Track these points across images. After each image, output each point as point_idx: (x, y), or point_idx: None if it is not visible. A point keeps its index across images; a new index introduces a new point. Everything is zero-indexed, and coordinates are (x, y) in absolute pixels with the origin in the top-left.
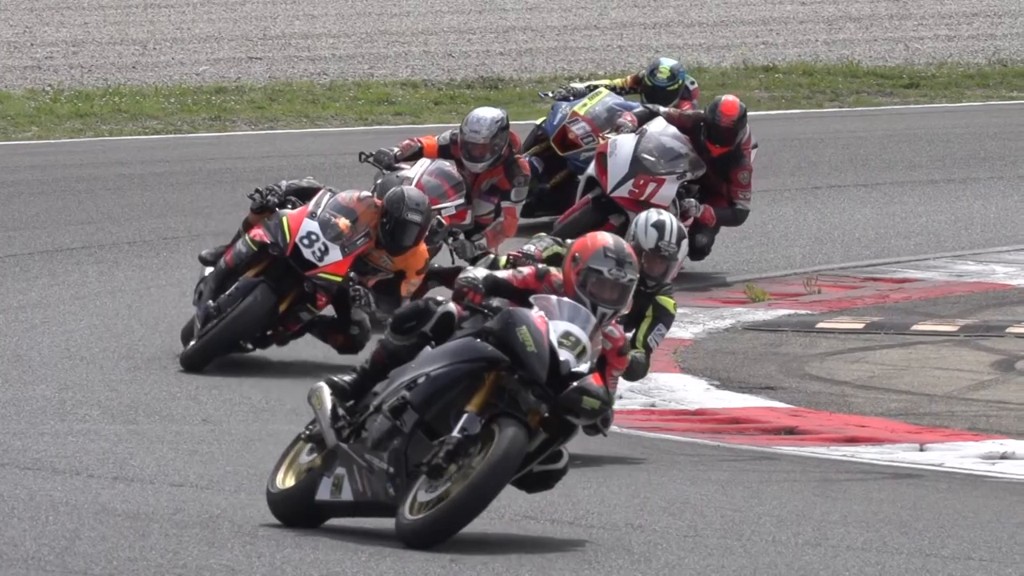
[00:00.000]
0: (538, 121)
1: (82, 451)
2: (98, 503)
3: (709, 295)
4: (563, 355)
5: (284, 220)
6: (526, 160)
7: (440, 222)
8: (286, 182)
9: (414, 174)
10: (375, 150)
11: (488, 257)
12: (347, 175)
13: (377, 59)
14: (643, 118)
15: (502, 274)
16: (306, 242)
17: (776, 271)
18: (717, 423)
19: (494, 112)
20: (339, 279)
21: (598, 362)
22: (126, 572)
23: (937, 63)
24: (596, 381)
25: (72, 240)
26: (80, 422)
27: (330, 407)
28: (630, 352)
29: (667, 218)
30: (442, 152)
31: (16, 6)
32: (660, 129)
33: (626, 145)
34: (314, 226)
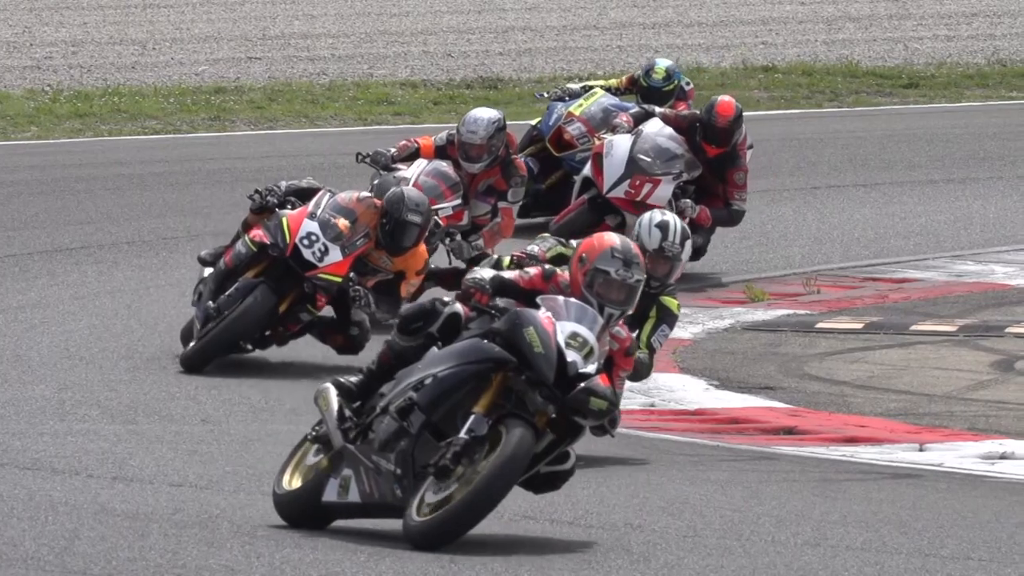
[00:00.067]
0: (534, 122)
1: (81, 451)
2: (97, 503)
3: (708, 295)
4: (570, 356)
5: (284, 221)
6: (523, 161)
7: (437, 223)
8: (285, 183)
9: (411, 175)
10: (372, 151)
11: (492, 258)
12: (346, 175)
13: (376, 59)
14: (639, 119)
15: (509, 275)
16: (306, 243)
17: (775, 271)
18: (716, 423)
19: (491, 113)
20: (339, 280)
21: (605, 363)
22: (125, 572)
23: (936, 63)
24: (603, 382)
25: (71, 240)
26: (79, 422)
27: (336, 408)
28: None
29: (671, 219)
30: (439, 153)
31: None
32: (656, 130)
33: (622, 146)
34: (314, 227)
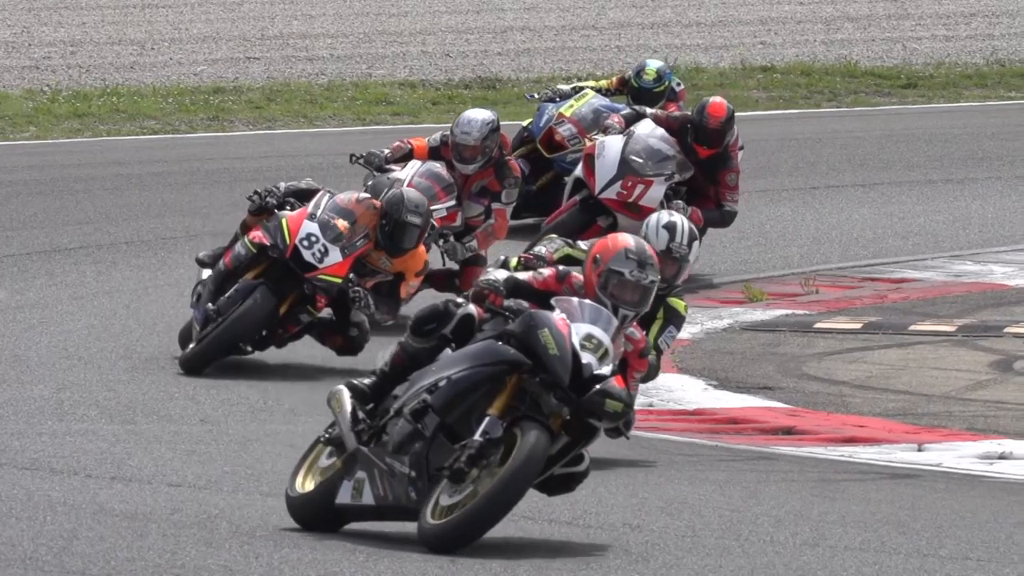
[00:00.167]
0: (524, 123)
1: (80, 451)
2: (96, 503)
3: (707, 295)
4: (585, 358)
5: (283, 222)
6: (516, 162)
7: (431, 224)
8: (284, 184)
9: (405, 176)
10: (365, 152)
11: (499, 259)
12: (345, 175)
13: (375, 59)
14: (630, 120)
15: (523, 276)
16: (306, 244)
17: (774, 271)
18: (715, 423)
19: (485, 114)
20: (339, 281)
21: (619, 364)
22: (124, 572)
23: (935, 63)
24: (618, 383)
25: (70, 240)
26: (78, 422)
27: (350, 410)
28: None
29: (678, 220)
30: (432, 154)
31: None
32: (648, 131)
33: (614, 147)
34: (314, 228)
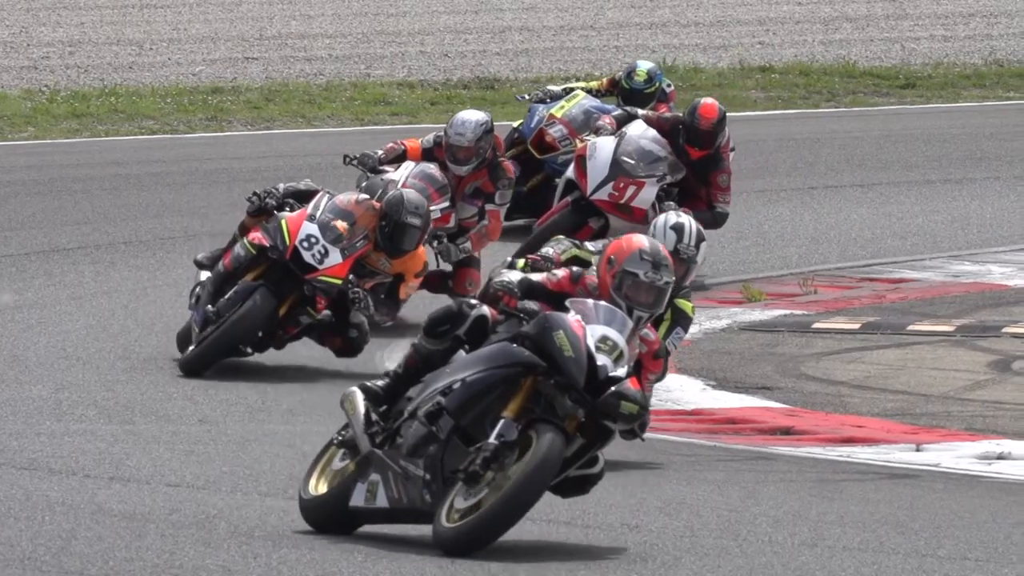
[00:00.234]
0: (515, 124)
1: (78, 451)
2: (94, 503)
3: (705, 295)
4: (600, 360)
5: (283, 223)
6: (510, 163)
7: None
8: (284, 185)
9: (399, 177)
10: (359, 153)
11: (506, 260)
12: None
13: (373, 59)
14: (622, 121)
15: (536, 277)
16: (306, 245)
17: (772, 271)
18: (713, 423)
19: (479, 115)
20: (339, 282)
21: (634, 366)
22: (122, 572)
23: (933, 63)
24: (633, 385)
25: (68, 240)
26: (76, 422)
27: (363, 412)
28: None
29: (686, 220)
30: (426, 155)
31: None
32: (639, 132)
33: (606, 148)
34: (313, 229)
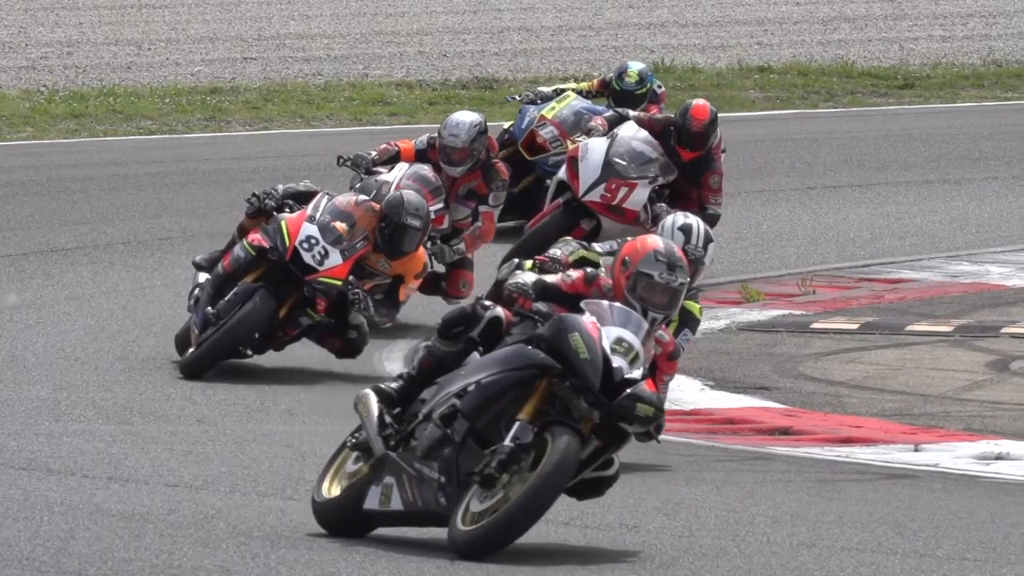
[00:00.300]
0: (506, 125)
1: (77, 451)
2: (93, 503)
3: (704, 295)
4: (616, 361)
5: (283, 224)
6: (504, 165)
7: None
8: (283, 186)
9: (393, 178)
10: (352, 154)
11: (513, 262)
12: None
13: (372, 59)
14: (613, 122)
15: (551, 279)
16: (306, 246)
17: (771, 271)
18: (712, 423)
19: (473, 116)
20: (339, 283)
21: (649, 367)
22: (121, 572)
23: (932, 63)
24: (649, 387)
25: (67, 240)
26: (75, 422)
27: (377, 414)
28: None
29: (694, 221)
30: (419, 156)
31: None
32: (631, 133)
33: (598, 149)
34: (313, 230)
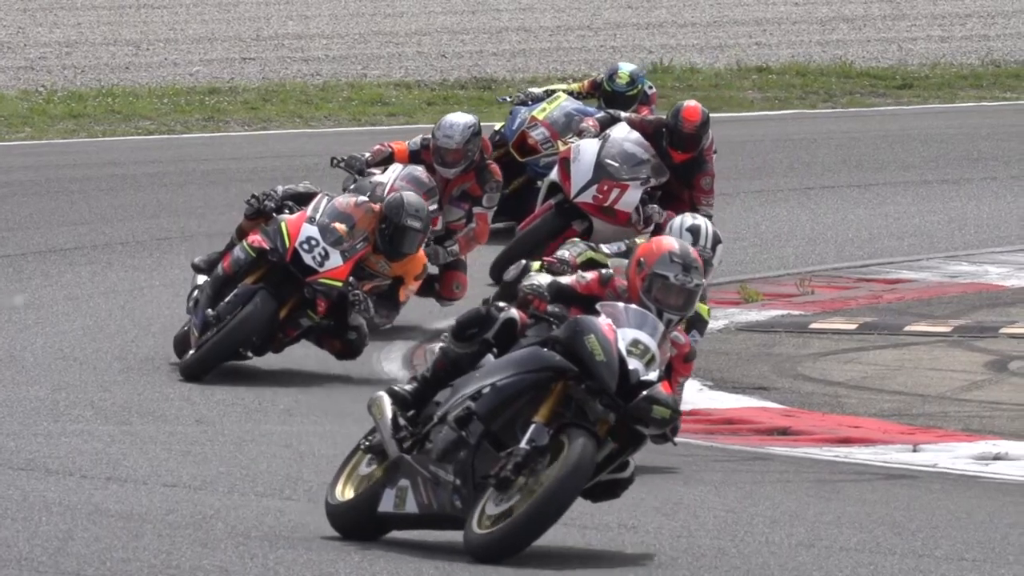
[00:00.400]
0: (496, 126)
1: (75, 452)
2: (91, 504)
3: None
4: (632, 364)
5: (283, 225)
6: (497, 166)
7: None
8: (282, 187)
9: (386, 180)
10: (346, 155)
11: (521, 263)
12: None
13: (370, 60)
14: (605, 123)
15: (565, 280)
16: (306, 247)
17: (769, 271)
18: (710, 424)
19: (467, 118)
20: (340, 284)
21: (664, 369)
22: (119, 573)
23: (930, 64)
24: (665, 389)
25: (65, 241)
26: (73, 423)
27: (391, 417)
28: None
29: (702, 222)
30: (413, 157)
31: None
32: (623, 135)
33: (589, 150)
34: (313, 231)
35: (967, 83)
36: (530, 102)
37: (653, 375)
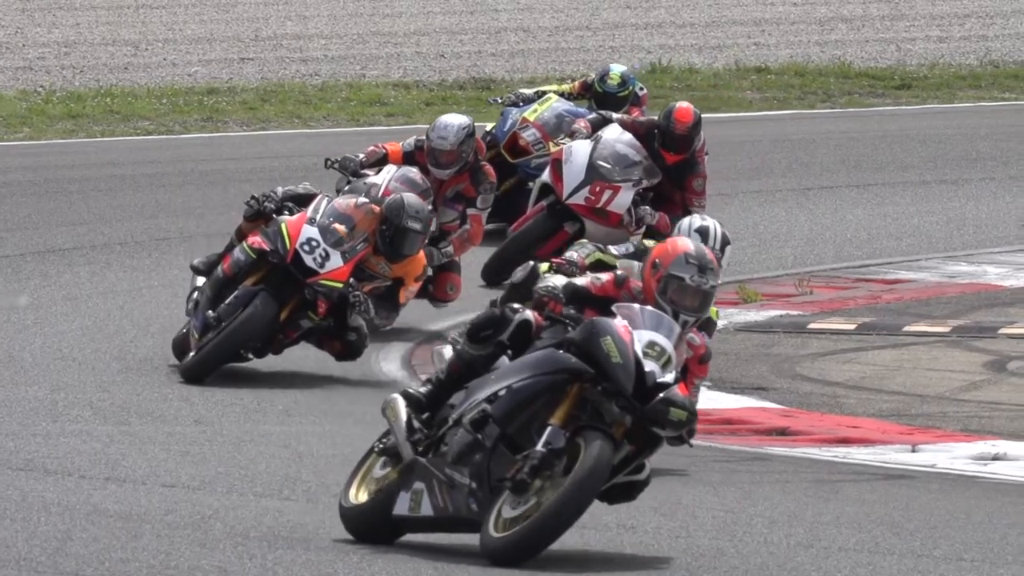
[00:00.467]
0: (488, 127)
1: (74, 452)
2: (90, 504)
3: None
4: (648, 365)
5: (283, 227)
6: (491, 168)
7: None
8: (282, 188)
9: (381, 181)
10: (340, 156)
11: (528, 264)
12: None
13: (369, 60)
14: (597, 124)
15: (580, 281)
16: (307, 248)
17: (768, 272)
18: (709, 424)
19: (461, 119)
20: (341, 285)
21: (680, 371)
22: (118, 573)
23: (929, 64)
24: (682, 391)
25: (64, 241)
26: (72, 423)
27: (405, 419)
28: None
29: (711, 223)
30: (407, 158)
31: (7, 7)
32: (615, 136)
33: (582, 152)
34: (314, 232)
35: (965, 83)
36: (521, 103)
37: (670, 377)
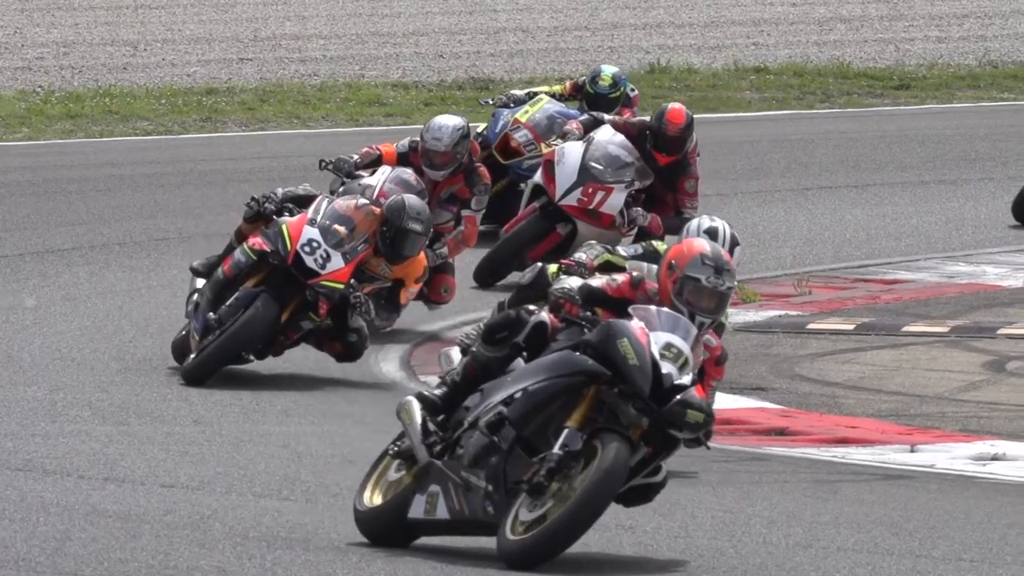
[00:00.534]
0: (479, 128)
1: (73, 452)
2: (89, 504)
3: None
4: (665, 367)
5: (284, 228)
6: (486, 169)
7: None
8: (282, 190)
9: (375, 182)
10: (335, 157)
11: (536, 266)
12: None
13: (368, 60)
14: (589, 126)
15: (596, 283)
16: (307, 250)
17: (767, 272)
18: None
19: (455, 120)
20: (342, 286)
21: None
22: (117, 573)
23: (928, 64)
24: (699, 393)
25: (63, 241)
26: (71, 423)
27: (420, 422)
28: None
29: (720, 224)
30: (401, 160)
31: (6, 7)
32: (608, 137)
33: (574, 153)
34: (315, 233)
35: (964, 83)
36: (512, 104)
37: (687, 379)
